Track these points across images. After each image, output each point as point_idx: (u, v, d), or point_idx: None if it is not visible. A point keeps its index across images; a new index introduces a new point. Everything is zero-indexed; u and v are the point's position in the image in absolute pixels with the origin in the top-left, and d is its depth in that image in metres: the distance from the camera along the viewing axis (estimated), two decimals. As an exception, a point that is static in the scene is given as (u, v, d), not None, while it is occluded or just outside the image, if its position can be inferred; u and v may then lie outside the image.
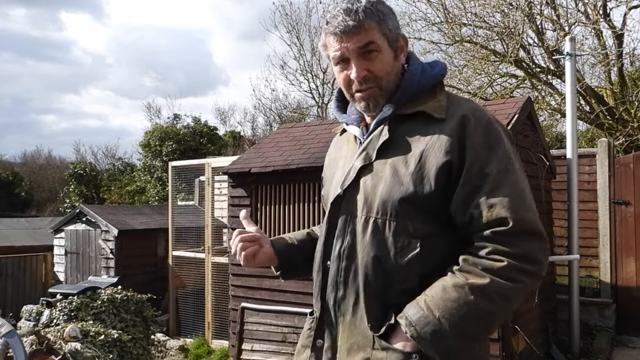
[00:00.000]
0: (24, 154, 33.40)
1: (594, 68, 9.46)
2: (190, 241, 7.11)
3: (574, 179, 5.21)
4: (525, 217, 1.24)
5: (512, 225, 1.21)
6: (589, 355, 5.11)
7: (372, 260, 1.29)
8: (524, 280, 1.21)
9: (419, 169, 1.27)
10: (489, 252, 1.22)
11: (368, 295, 1.29)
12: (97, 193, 19.09)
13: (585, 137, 10.63)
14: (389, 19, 1.37)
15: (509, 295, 1.21)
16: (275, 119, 19.75)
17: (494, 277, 1.20)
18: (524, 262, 1.21)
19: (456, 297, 1.19)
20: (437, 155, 1.26)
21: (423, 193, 1.26)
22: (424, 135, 1.31)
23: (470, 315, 1.19)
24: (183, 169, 7.65)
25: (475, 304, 1.19)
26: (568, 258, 5.23)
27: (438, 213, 1.28)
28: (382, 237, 1.29)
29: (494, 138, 1.29)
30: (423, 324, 1.19)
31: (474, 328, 1.21)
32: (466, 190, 1.25)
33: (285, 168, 4.89)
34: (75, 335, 4.05)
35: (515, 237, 1.21)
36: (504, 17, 8.20)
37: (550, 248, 5.33)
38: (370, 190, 1.33)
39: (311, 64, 16.92)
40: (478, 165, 1.25)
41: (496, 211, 1.22)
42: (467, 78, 9.07)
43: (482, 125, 1.29)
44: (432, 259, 1.27)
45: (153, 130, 17.38)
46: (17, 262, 8.61)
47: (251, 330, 5.14)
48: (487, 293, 1.19)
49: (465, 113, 1.30)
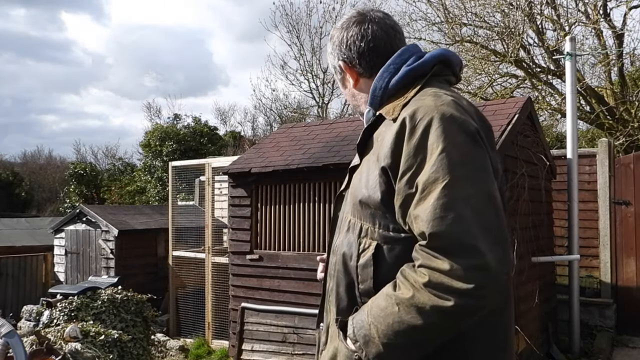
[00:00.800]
0: (24, 154, 33.47)
1: (594, 68, 9.48)
2: (190, 241, 7.11)
3: (574, 179, 5.21)
4: (448, 230, 1.10)
5: (428, 240, 1.11)
6: (589, 355, 5.11)
7: (341, 258, 1.35)
8: (450, 299, 1.08)
9: (370, 173, 1.29)
10: (419, 265, 1.14)
11: (337, 291, 1.36)
12: (98, 193, 19.10)
13: (586, 137, 10.63)
14: (330, 54, 1.55)
15: (433, 312, 1.10)
16: (276, 119, 19.77)
17: (416, 291, 1.12)
18: (448, 279, 1.08)
19: (384, 306, 1.17)
20: (377, 161, 1.26)
21: (374, 198, 1.26)
22: (382, 137, 1.30)
23: (394, 327, 1.15)
24: (183, 169, 7.65)
25: (399, 315, 1.14)
26: (568, 258, 5.23)
27: (392, 219, 1.24)
28: (350, 238, 1.33)
29: (432, 141, 1.17)
30: (359, 327, 1.22)
31: (399, 340, 1.15)
32: (400, 200, 1.20)
33: (285, 168, 4.89)
34: (76, 336, 4.05)
35: (438, 252, 1.10)
36: (504, 17, 8.20)
37: (551, 249, 5.33)
38: (350, 192, 1.39)
39: (311, 64, 16.93)
40: (410, 172, 1.18)
41: (418, 224, 1.14)
42: (467, 78, 9.07)
43: (421, 128, 1.19)
44: (387, 264, 1.25)
45: (153, 130, 17.39)
46: (18, 262, 8.61)
47: (251, 330, 5.14)
48: (409, 307, 1.12)
49: (407, 114, 1.23)
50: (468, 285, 1.07)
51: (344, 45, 1.47)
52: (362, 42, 1.44)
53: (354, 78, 1.48)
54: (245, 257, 5.25)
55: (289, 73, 17.16)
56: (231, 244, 5.44)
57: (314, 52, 16.68)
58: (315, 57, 16.75)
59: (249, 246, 5.24)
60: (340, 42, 1.48)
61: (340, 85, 1.56)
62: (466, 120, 1.22)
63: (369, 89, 1.42)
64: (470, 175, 1.15)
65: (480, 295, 1.08)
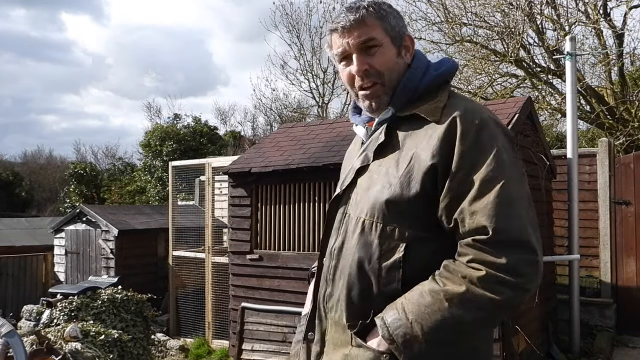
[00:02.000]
0: (24, 154, 33.46)
1: (595, 68, 9.48)
2: (190, 241, 7.10)
3: (575, 179, 5.20)
4: (509, 227, 1.17)
5: (491, 234, 1.16)
6: (589, 355, 5.11)
7: (356, 262, 1.30)
8: (504, 292, 1.15)
9: (407, 172, 1.27)
10: (469, 260, 1.18)
11: (349, 296, 1.31)
12: (98, 193, 19.09)
13: (586, 137, 10.63)
14: (392, 17, 1.38)
15: (487, 306, 1.16)
16: (276, 119, 19.74)
17: (471, 286, 1.16)
18: (504, 273, 1.15)
19: (431, 302, 1.18)
20: (425, 159, 1.25)
21: (409, 196, 1.25)
22: (418, 138, 1.30)
23: (443, 323, 1.17)
24: (183, 169, 7.65)
25: (449, 311, 1.16)
26: (569, 258, 5.23)
27: (425, 218, 1.26)
28: (369, 239, 1.29)
29: (486, 142, 1.24)
30: (396, 327, 1.19)
31: (446, 336, 1.18)
32: (451, 196, 1.22)
33: (285, 168, 4.89)
34: (76, 336, 4.04)
35: (496, 247, 1.16)
36: (505, 17, 8.19)
37: (551, 249, 5.32)
38: (364, 192, 1.34)
39: (312, 64, 16.91)
40: (464, 170, 1.22)
41: (477, 219, 1.18)
42: (467, 78, 9.07)
43: (474, 129, 1.25)
44: (417, 264, 1.26)
45: (154, 130, 17.37)
46: (18, 262, 8.61)
47: (252, 330, 5.14)
48: (462, 302, 1.16)
49: (457, 115, 1.26)
50: (521, 280, 1.16)
51: (404, 22, 1.43)
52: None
53: (412, 55, 1.42)
54: (246, 257, 5.25)
55: (289, 73, 17.14)
56: (231, 244, 5.44)
57: (315, 52, 16.66)
58: (316, 57, 16.73)
59: (249, 246, 5.24)
60: (402, 17, 1.43)
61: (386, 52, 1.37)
62: (504, 125, 1.32)
63: (399, 73, 1.38)
64: (519, 178, 1.25)
65: (529, 289, 1.18)
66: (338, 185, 1.50)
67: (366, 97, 1.38)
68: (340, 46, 1.38)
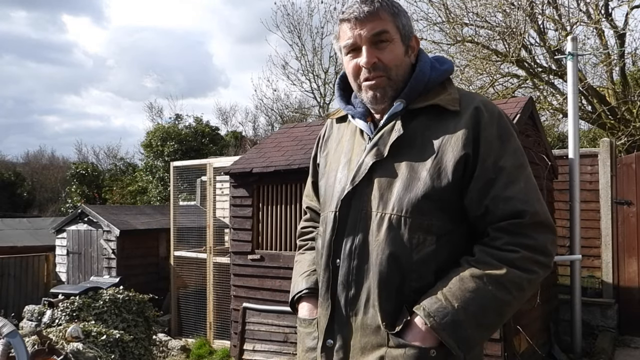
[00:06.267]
0: (26, 154, 33.51)
1: (596, 68, 9.47)
2: (192, 241, 7.10)
3: (576, 179, 5.19)
4: (540, 209, 1.27)
5: (528, 217, 1.24)
6: (591, 355, 5.10)
7: (387, 258, 1.27)
8: (537, 270, 1.25)
9: (436, 163, 1.27)
10: (504, 243, 1.24)
11: (382, 294, 1.27)
12: (99, 193, 19.11)
13: (587, 137, 10.62)
14: (403, 16, 1.39)
15: (524, 285, 1.24)
16: (277, 119, 19.74)
17: (510, 268, 1.22)
18: (537, 253, 1.24)
19: (474, 287, 1.21)
20: (454, 149, 1.27)
21: (440, 187, 1.26)
22: (439, 129, 1.31)
23: (488, 306, 1.21)
24: (185, 169, 7.65)
25: (493, 294, 1.21)
26: (570, 258, 5.22)
27: (451, 208, 1.29)
28: (398, 234, 1.27)
29: (506, 131, 1.32)
30: (442, 315, 1.19)
31: (491, 318, 1.23)
32: (481, 183, 1.27)
33: (286, 168, 4.89)
34: (77, 336, 4.05)
35: (529, 228, 1.24)
36: (506, 17, 8.18)
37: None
38: (385, 187, 1.30)
39: (312, 64, 16.92)
40: (492, 157, 1.27)
41: (512, 204, 1.25)
42: (468, 78, 9.05)
43: (495, 118, 1.32)
44: (446, 255, 1.28)
45: (155, 130, 17.38)
46: (19, 263, 8.61)
47: (253, 330, 5.14)
48: (503, 283, 1.22)
49: (478, 105, 1.32)
50: (549, 259, 1.28)
51: (411, 23, 1.44)
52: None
53: (415, 55, 1.43)
54: (247, 257, 5.25)
55: (290, 73, 17.17)
56: (232, 244, 5.44)
57: (315, 52, 16.68)
58: (317, 57, 16.76)
59: (251, 246, 5.24)
60: (410, 18, 1.44)
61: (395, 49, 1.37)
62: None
63: (405, 70, 1.38)
64: (528, 163, 1.35)
65: (551, 267, 1.29)
66: (338, 180, 1.40)
67: (370, 87, 1.36)
68: (350, 37, 1.35)
